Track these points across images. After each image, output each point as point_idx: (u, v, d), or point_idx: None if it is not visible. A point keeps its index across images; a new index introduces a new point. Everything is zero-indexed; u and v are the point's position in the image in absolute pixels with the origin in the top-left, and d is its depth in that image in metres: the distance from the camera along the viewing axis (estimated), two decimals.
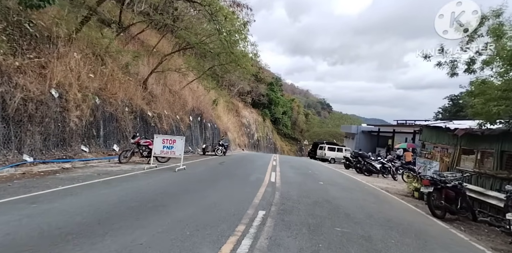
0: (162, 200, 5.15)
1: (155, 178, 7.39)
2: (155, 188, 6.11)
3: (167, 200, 5.20)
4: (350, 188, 9.31)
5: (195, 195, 5.92)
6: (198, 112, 21.29)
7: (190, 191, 6.27)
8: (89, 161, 9.36)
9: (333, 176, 12.66)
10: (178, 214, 4.43)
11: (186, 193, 5.97)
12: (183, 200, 5.34)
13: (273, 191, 7.19)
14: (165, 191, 5.95)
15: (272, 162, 16.06)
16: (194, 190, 6.44)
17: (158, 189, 6.03)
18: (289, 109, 64.73)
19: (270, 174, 10.22)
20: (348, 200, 7.18)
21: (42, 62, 8.43)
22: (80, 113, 9.59)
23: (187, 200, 5.38)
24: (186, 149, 17.96)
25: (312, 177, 11.17)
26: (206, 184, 7.37)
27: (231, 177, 9.12)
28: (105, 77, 11.56)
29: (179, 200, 5.30)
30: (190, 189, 6.44)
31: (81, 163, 8.88)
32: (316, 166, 17.53)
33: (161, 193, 5.66)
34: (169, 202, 5.03)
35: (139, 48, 18.08)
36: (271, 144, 51.37)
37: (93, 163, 9.36)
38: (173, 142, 9.46)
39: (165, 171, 8.81)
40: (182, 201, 5.26)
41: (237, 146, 33.48)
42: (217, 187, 7.01)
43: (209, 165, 12.02)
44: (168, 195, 5.57)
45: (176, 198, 5.39)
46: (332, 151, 26.72)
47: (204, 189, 6.64)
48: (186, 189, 6.39)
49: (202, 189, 6.60)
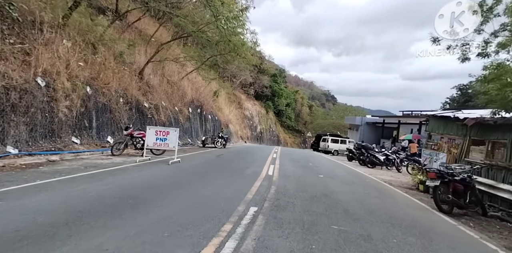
0: (146, 195, 4.78)
1: (145, 171, 7.03)
2: (142, 183, 5.74)
3: (152, 195, 4.82)
4: (351, 182, 8.88)
5: (184, 190, 5.54)
6: (198, 103, 20.86)
7: (179, 185, 5.90)
8: (80, 153, 9.04)
9: (335, 169, 12.23)
10: (160, 211, 4.05)
11: (174, 188, 5.60)
12: (170, 195, 4.96)
13: (269, 185, 6.80)
14: (152, 185, 5.58)
15: (272, 154, 15.67)
16: (184, 184, 6.07)
17: (145, 184, 5.66)
18: (293, 101, 64.01)
19: (268, 167, 9.82)
20: (348, 194, 6.76)
21: (26, 48, 7.99)
22: (70, 103, 9.21)
23: (174, 195, 5.00)
24: (186, 141, 17.64)
25: (312, 170, 10.75)
26: (199, 178, 7.00)
27: (227, 170, 8.74)
28: (97, 66, 11.12)
29: (166, 195, 4.92)
30: (180, 184, 6.07)
31: (71, 155, 8.55)
32: (317, 159, 17.11)
33: (147, 188, 5.29)
34: (153, 198, 4.66)
35: (136, 38, 17.55)
36: (274, 137, 50.99)
37: (84, 155, 9.03)
38: (167, 134, 9.06)
39: (158, 164, 8.44)
40: (169, 197, 4.88)
41: (239, 139, 33.14)
42: (209, 181, 6.63)
43: (206, 158, 11.66)
44: (154, 190, 5.19)
45: (162, 194, 5.01)
46: (335, 143, 26.23)
47: (195, 184, 6.26)
48: (175, 184, 6.02)
49: (193, 184, 6.22)
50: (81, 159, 8.33)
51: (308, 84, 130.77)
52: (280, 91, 53.78)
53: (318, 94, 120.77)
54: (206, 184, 6.29)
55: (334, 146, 25.97)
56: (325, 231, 3.98)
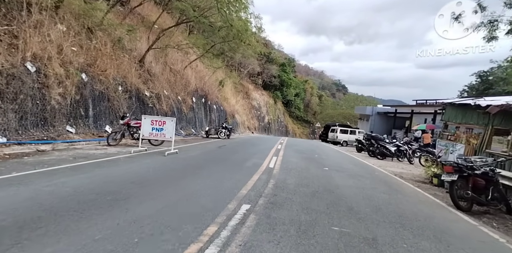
0: (129, 191, 4.33)
1: (137, 163, 6.61)
2: (130, 176, 5.31)
3: (135, 191, 4.38)
4: (358, 175, 8.28)
5: (174, 184, 5.09)
6: (202, 93, 20.34)
7: (170, 179, 5.45)
8: (74, 142, 8.71)
9: (342, 161, 11.62)
10: (139, 210, 3.59)
11: (164, 182, 5.14)
12: (156, 191, 4.51)
13: (267, 179, 6.29)
14: (140, 179, 5.14)
15: (277, 145, 15.13)
16: (176, 177, 5.62)
17: (133, 177, 5.22)
18: (302, 91, 62.78)
19: (270, 159, 9.30)
20: (354, 189, 6.19)
21: (13, 30, 7.55)
22: (64, 90, 8.81)
23: (160, 191, 4.55)
24: (189, 131, 17.26)
25: (317, 162, 10.18)
26: (193, 170, 6.54)
27: (226, 162, 8.26)
28: (94, 52, 10.65)
29: (151, 191, 4.47)
30: (171, 177, 5.62)
31: (65, 145, 8.23)
32: (325, 150, 16.49)
33: (133, 182, 4.85)
34: (136, 194, 4.21)
35: (139, 24, 16.97)
36: (283, 127, 50.33)
37: (79, 145, 8.70)
38: (163, 124, 8.60)
39: (153, 156, 8.03)
40: (154, 192, 4.43)
41: (246, 129, 32.68)
42: (204, 174, 6.16)
43: (206, 149, 11.21)
44: (140, 185, 4.75)
45: (148, 189, 4.56)
46: (344, 134, 25.46)
47: (188, 177, 5.80)
48: (166, 177, 5.57)
49: (185, 177, 5.76)
50: (74, 149, 7.99)
51: (318, 74, 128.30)
52: (289, 81, 52.65)
53: (329, 83, 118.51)
54: (199, 177, 5.82)
55: (343, 137, 25.22)
56: (323, 234, 3.45)
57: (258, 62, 44.46)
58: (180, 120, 16.68)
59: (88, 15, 11.03)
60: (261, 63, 45.47)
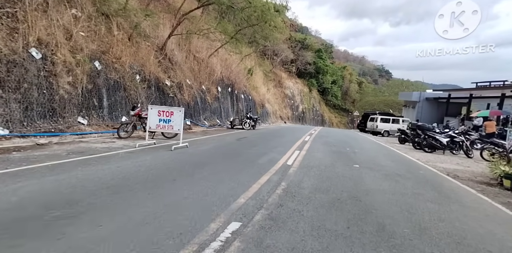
0: (93, 201, 3.49)
1: (132, 160, 5.88)
2: (110, 178, 4.49)
3: (100, 201, 3.52)
4: (397, 174, 6.76)
5: (158, 189, 4.21)
6: (229, 82, 19.48)
7: (158, 182, 4.59)
8: (85, 135, 8.37)
9: (378, 155, 9.98)
10: (77, 236, 2.59)
11: (146, 187, 4.28)
12: (128, 201, 3.62)
13: (279, 181, 5.17)
14: (119, 183, 4.31)
15: (305, 137, 13.80)
16: (166, 180, 4.74)
17: (112, 180, 4.40)
18: (340, 77, 59.30)
19: (290, 154, 8.11)
20: (389, 196, 4.81)
21: (16, 13, 7.16)
22: (74, 79, 8.44)
23: (135, 200, 3.66)
24: (214, 122, 16.60)
25: (347, 157, 8.73)
26: (194, 169, 5.63)
27: (237, 158, 7.26)
28: (108, 39, 10.19)
29: (121, 201, 3.58)
30: (161, 179, 4.76)
31: (73, 138, 7.88)
32: (360, 141, 14.73)
33: (107, 188, 3.98)
34: (97, 207, 3.33)
35: (163, 10, 16.41)
36: (318, 116, 48.10)
37: (89, 137, 8.34)
38: (171, 115, 7.82)
39: (158, 150, 7.30)
40: (125, 202, 3.55)
41: (278, 119, 31.49)
42: (203, 175, 5.22)
43: (223, 142, 10.32)
44: (113, 191, 3.89)
45: (119, 198, 3.70)
46: (385, 123, 23.05)
47: (182, 178, 4.91)
48: (155, 179, 4.71)
49: (179, 179, 4.87)
50: (80, 142, 7.58)
51: (359, 59, 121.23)
52: (325, 68, 49.73)
53: (370, 69, 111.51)
54: (195, 179, 4.89)
55: (384, 126, 22.85)
56: None
57: (291, 49, 42.45)
58: (204, 110, 16.06)
59: (106, 0, 10.56)
60: (295, 50, 43.36)
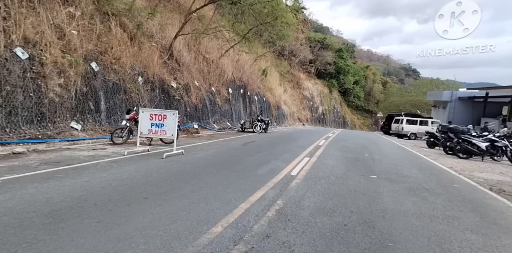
0: (19, 235, 2.75)
1: (111, 172, 5.12)
2: (66, 197, 3.59)
3: (24, 234, 2.76)
4: (424, 188, 5.54)
5: (120, 211, 3.41)
6: (241, 83, 18.71)
7: (126, 200, 3.77)
8: (77, 141, 7.86)
9: (402, 163, 8.67)
10: None
11: (107, 209, 3.47)
12: (67, 232, 2.78)
13: (275, 197, 4.22)
14: (74, 203, 3.47)
15: (320, 140, 12.66)
16: (138, 198, 3.90)
17: (67, 200, 3.49)
18: (362, 78, 56.99)
19: (298, 162, 7.10)
20: (413, 221, 3.71)
21: None
22: (66, 81, 7.96)
23: (76, 231, 2.81)
24: (224, 125, 15.87)
25: (364, 165, 7.56)
26: (176, 183, 4.78)
27: (235, 167, 6.37)
28: (107, 38, 9.71)
29: (57, 233, 2.78)
30: (132, 196, 3.92)
31: (63, 144, 7.37)
32: (381, 146, 13.32)
33: (53, 212, 3.12)
34: (17, 244, 2.59)
35: (174, 10, 16.01)
36: (339, 118, 46.25)
37: (81, 144, 7.82)
38: (164, 119, 7.09)
39: (148, 158, 6.56)
40: (55, 237, 2.75)
41: (296, 121, 30.33)
42: (185, 190, 4.35)
43: (226, 147, 9.47)
44: (58, 217, 3.01)
45: (61, 227, 2.87)
46: (412, 125, 21.23)
47: (158, 195, 4.08)
48: (123, 198, 3.87)
49: (154, 196, 4.05)
50: (67, 149, 7.02)
51: (383, 59, 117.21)
52: (347, 68, 47.86)
53: (396, 68, 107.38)
54: (173, 197, 4.04)
55: (410, 129, 21.05)
56: None
57: (310, 50, 41.16)
58: (213, 113, 15.38)
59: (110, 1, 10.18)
60: (314, 50, 42.02)
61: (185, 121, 13.20)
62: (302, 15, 40.55)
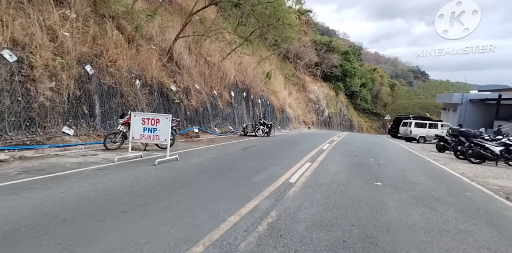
0: None
1: (94, 181, 4.79)
2: (32, 212, 3.23)
3: None
4: (434, 197, 5.06)
5: (90, 229, 3.06)
6: (244, 86, 18.39)
7: (101, 215, 3.41)
8: (68, 147, 7.59)
9: (409, 168, 8.15)
10: None
11: (75, 227, 3.13)
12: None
13: (269, 208, 3.83)
14: (37, 220, 3.03)
15: (324, 144, 12.18)
16: (116, 211, 3.55)
17: (30, 217, 3.13)
18: (369, 80, 56.15)
19: (298, 168, 6.68)
20: (421, 237, 3.25)
21: None
22: (57, 84, 7.73)
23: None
24: (225, 129, 15.52)
25: (369, 170, 7.08)
26: (165, 192, 4.43)
27: (231, 173, 5.99)
28: (102, 40, 9.50)
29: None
30: (109, 210, 3.56)
31: (53, 150, 7.10)
32: (388, 150, 12.75)
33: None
34: None
35: (176, 13, 15.87)
36: (346, 121, 45.49)
37: (73, 149, 7.55)
38: (156, 123, 6.77)
39: (139, 165, 6.23)
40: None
41: (301, 124, 29.83)
42: (171, 201, 3.98)
43: (225, 152, 9.09)
44: (6, 240, 2.76)
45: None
46: (421, 128, 20.56)
47: (139, 208, 3.72)
48: (98, 212, 3.50)
49: (134, 209, 3.70)
50: (56, 156, 6.74)
51: (391, 61, 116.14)
52: (353, 70, 47.20)
53: (404, 71, 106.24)
54: (155, 209, 3.65)
55: (419, 132, 20.37)
56: None
57: (316, 52, 40.73)
58: (214, 116, 15.06)
59: (108, 2, 10.03)
60: (320, 53, 41.58)
61: (185, 125, 12.92)
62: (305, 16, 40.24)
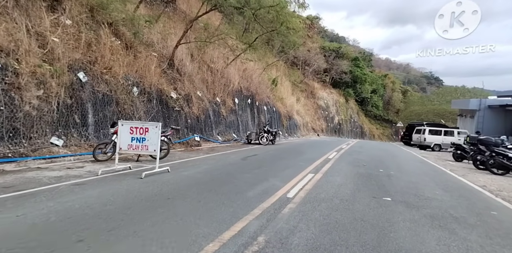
0: None
1: (64, 199, 4.26)
2: None
3: None
4: (452, 216, 4.31)
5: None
6: (248, 93, 17.94)
7: (46, 247, 2.93)
8: (56, 158, 7.19)
9: (423, 180, 7.35)
10: None
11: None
12: None
13: (257, 232, 3.22)
14: None
15: (331, 153, 11.46)
16: (71, 240, 3.03)
17: None
18: (381, 86, 55.06)
19: (299, 180, 6.04)
20: None
21: None
22: (46, 92, 7.41)
23: None
24: (229, 137, 15.01)
25: (377, 183, 6.35)
26: (143, 212, 3.87)
27: (223, 187, 5.41)
28: (97, 47, 9.23)
29: None
30: (61, 239, 3.05)
31: (38, 163, 6.69)
32: (400, 159, 11.90)
33: None
34: None
35: (177, 21, 15.71)
36: (357, 128, 44.34)
37: (61, 161, 7.12)
38: (145, 132, 6.29)
39: (124, 179, 5.70)
40: None
41: (310, 131, 29.05)
42: (146, 224, 3.43)
43: (223, 162, 8.53)
44: None
45: None
46: (435, 135, 19.50)
47: (101, 235, 3.19)
48: (45, 244, 3.06)
49: (93, 236, 3.16)
50: (37, 168, 6.29)
51: (403, 67, 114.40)
52: (363, 77, 46.37)
53: (417, 77, 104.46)
54: (120, 236, 3.08)
55: (433, 139, 19.30)
56: None
57: (325, 59, 40.22)
58: (217, 124, 14.60)
59: (106, 8, 9.85)
60: (329, 60, 41.04)
61: (186, 133, 12.49)
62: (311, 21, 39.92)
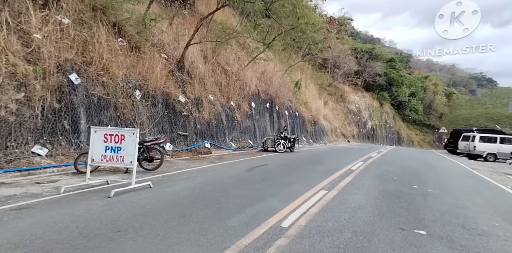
0: None
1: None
2: None
3: None
4: None
5: None
6: (267, 97, 16.67)
7: None
8: (35, 170, 6.45)
9: (475, 203, 5.41)
10: None
11: None
12: None
13: None
14: None
15: (357, 163, 9.70)
16: None
17: None
18: (420, 89, 50.80)
19: (307, 199, 4.62)
20: None
21: None
22: (27, 96, 6.77)
23: None
24: (243, 143, 13.81)
25: (408, 206, 4.64)
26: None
27: (203, 211, 4.16)
28: (93, 47, 8.60)
29: None
30: None
31: (11, 176, 5.96)
32: (443, 172, 9.73)
33: None
34: None
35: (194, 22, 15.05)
36: (393, 134, 40.86)
37: (40, 174, 6.36)
38: (121, 140, 5.28)
39: (88, 198, 4.68)
40: None
41: (339, 137, 26.93)
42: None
43: (221, 175, 7.27)
44: None
45: None
46: (489, 143, 16.59)
47: None
48: None
49: None
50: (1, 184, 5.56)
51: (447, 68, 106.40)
52: (400, 79, 42.98)
53: (464, 78, 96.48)
54: None
55: (486, 148, 16.41)
56: None
57: (357, 61, 37.81)
58: (230, 130, 13.50)
59: (112, 8, 9.35)
60: (361, 61, 38.57)
61: (194, 140, 11.53)
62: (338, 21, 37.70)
